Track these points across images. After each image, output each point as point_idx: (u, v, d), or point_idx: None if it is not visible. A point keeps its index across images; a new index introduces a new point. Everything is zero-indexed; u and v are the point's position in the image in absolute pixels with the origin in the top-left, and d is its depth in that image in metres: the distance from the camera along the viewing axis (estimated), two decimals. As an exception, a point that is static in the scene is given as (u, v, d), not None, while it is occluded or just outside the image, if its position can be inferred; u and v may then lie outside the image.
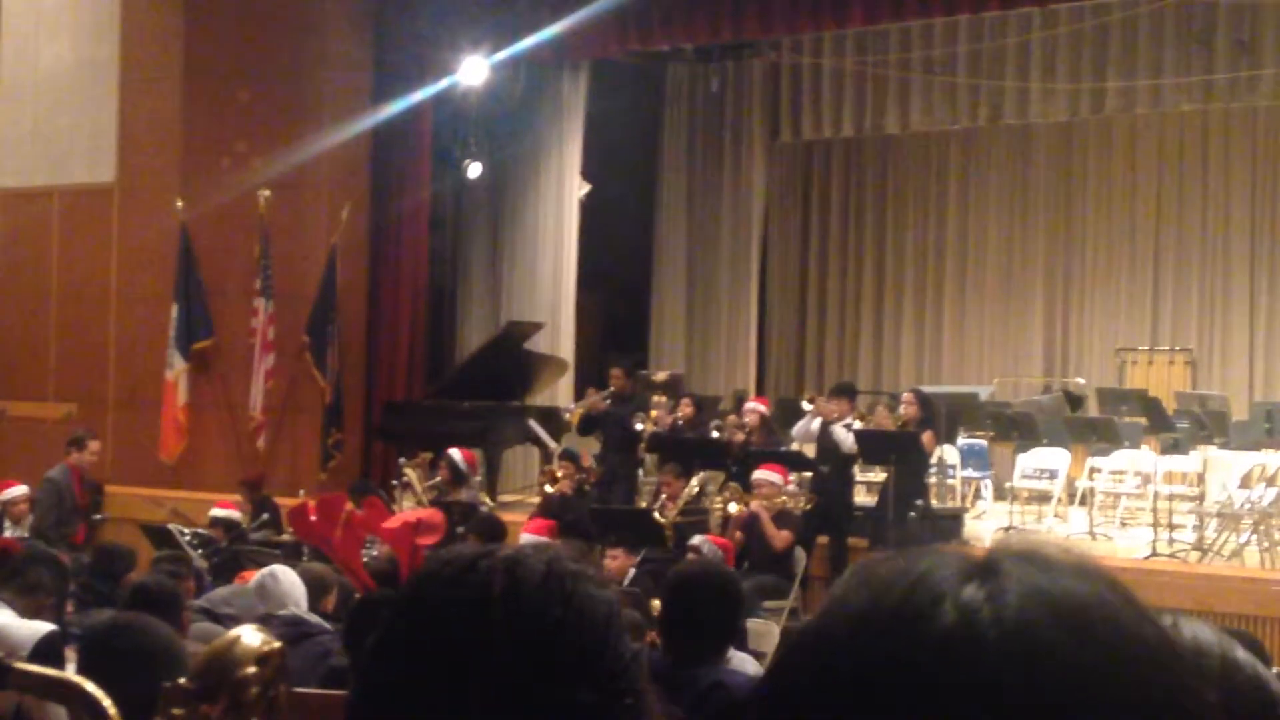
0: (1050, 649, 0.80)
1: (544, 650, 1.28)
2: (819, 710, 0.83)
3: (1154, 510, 12.19)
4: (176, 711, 1.78)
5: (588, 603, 1.32)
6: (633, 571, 9.48)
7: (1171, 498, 12.31)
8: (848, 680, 0.83)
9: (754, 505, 10.64)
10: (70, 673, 2.81)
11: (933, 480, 13.07)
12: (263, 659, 1.84)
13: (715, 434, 12.70)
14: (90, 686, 1.99)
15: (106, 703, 1.94)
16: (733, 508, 10.79)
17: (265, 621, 5.84)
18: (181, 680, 1.85)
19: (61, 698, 2.14)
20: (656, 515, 10.98)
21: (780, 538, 10.56)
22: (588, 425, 13.28)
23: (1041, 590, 0.83)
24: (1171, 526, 11.91)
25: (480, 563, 1.33)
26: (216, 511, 11.24)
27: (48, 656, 4.73)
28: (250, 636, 1.89)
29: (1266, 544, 11.45)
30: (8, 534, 10.35)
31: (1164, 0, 15.25)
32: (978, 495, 14.77)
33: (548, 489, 11.95)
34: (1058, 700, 0.79)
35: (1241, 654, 1.37)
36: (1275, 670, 1.45)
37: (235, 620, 6.51)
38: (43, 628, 5.22)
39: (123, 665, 3.61)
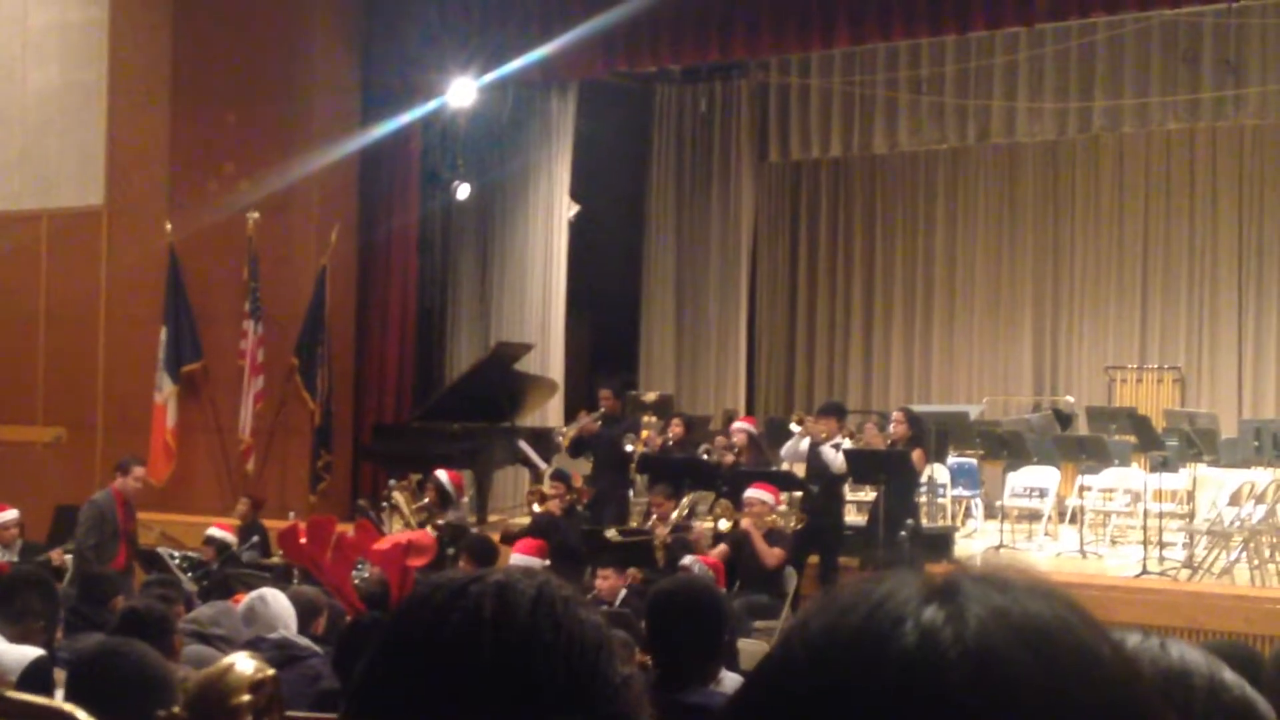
0: (1010, 669, 0.81)
1: (535, 676, 1.28)
2: None
3: (1144, 528, 12.20)
4: None
5: (578, 627, 1.32)
6: (624, 592, 9.47)
7: (1161, 516, 12.32)
8: (811, 702, 0.83)
9: (744, 523, 10.64)
10: (59, 700, 2.80)
11: (923, 499, 13.07)
12: (256, 686, 1.83)
13: (704, 456, 12.70)
14: (81, 714, 1.98)
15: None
16: (723, 524, 10.79)
17: (254, 645, 5.83)
18: (175, 709, 1.84)
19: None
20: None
21: (772, 555, 10.55)
22: (578, 447, 13.26)
23: (1001, 610, 0.84)
24: (1161, 544, 11.92)
25: (471, 588, 1.33)
26: (213, 531, 11.26)
27: (36, 682, 4.71)
28: (244, 664, 1.89)
29: (1256, 561, 11.47)
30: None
31: (1150, 20, 15.30)
32: (968, 514, 14.78)
33: (535, 508, 11.93)
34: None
35: (1229, 675, 1.37)
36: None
37: (226, 641, 6.49)
38: (31, 653, 5.20)
39: (110, 690, 3.60)
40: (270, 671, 1.91)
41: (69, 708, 2.01)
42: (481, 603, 1.31)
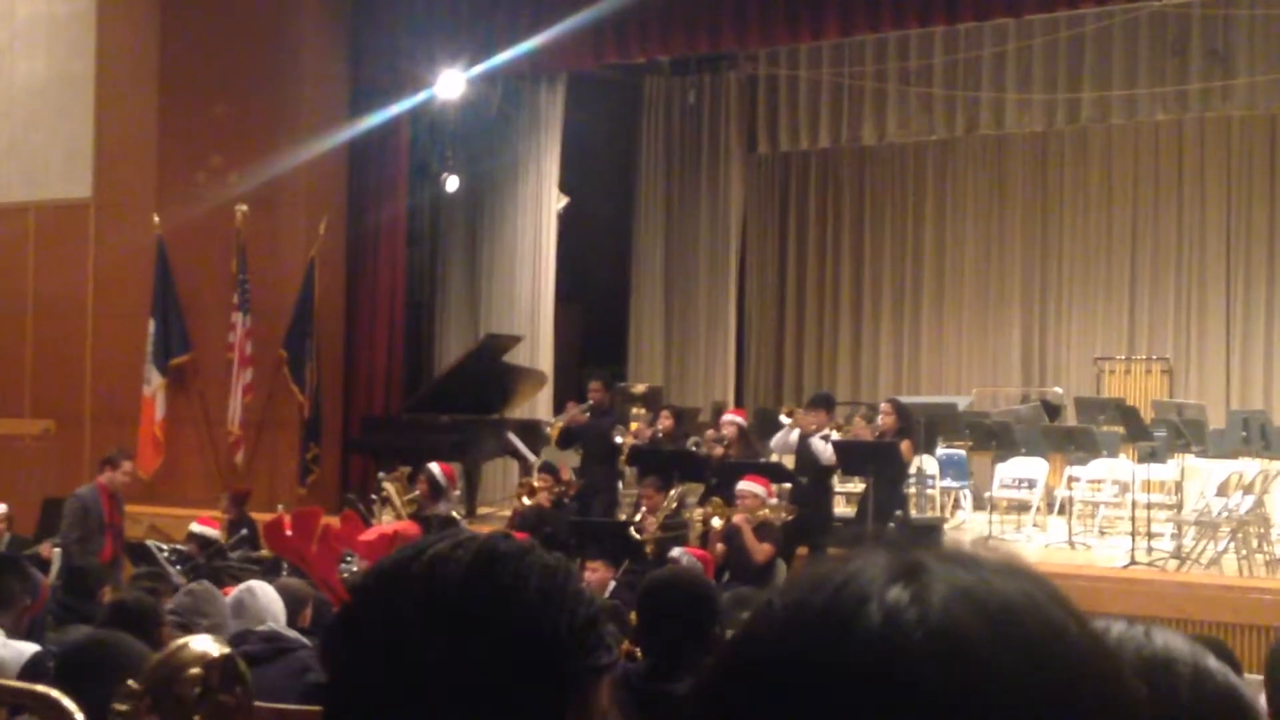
0: (976, 648, 0.80)
1: (469, 648, 1.29)
2: (748, 712, 0.83)
3: (1132, 519, 12.21)
4: (121, 708, 1.80)
5: (515, 583, 1.33)
6: (613, 584, 9.46)
7: (1150, 506, 12.33)
8: (775, 682, 0.83)
9: (736, 517, 10.62)
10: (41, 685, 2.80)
11: (912, 490, 13.08)
12: (209, 664, 1.85)
13: (694, 448, 12.68)
14: (66, 701, 1.98)
15: (80, 717, 1.93)
16: (715, 521, 10.76)
17: (243, 637, 5.82)
18: (130, 681, 1.86)
19: (33, 709, 2.13)
20: (632, 530, 10.99)
21: (762, 550, 10.54)
22: (567, 438, 13.25)
23: (967, 589, 0.83)
24: (1150, 535, 11.93)
25: (411, 566, 1.35)
26: (195, 527, 11.18)
27: (35, 677, 4.70)
28: (198, 643, 1.91)
29: (1244, 552, 11.49)
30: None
31: (1138, 11, 15.31)
32: (957, 505, 14.78)
33: (525, 501, 11.91)
34: (984, 699, 0.79)
35: (1213, 662, 1.38)
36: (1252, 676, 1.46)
37: (215, 630, 6.48)
38: (28, 649, 5.19)
39: (96, 681, 3.59)
40: (225, 650, 1.93)
41: (55, 693, 2.02)
42: (412, 586, 1.34)
